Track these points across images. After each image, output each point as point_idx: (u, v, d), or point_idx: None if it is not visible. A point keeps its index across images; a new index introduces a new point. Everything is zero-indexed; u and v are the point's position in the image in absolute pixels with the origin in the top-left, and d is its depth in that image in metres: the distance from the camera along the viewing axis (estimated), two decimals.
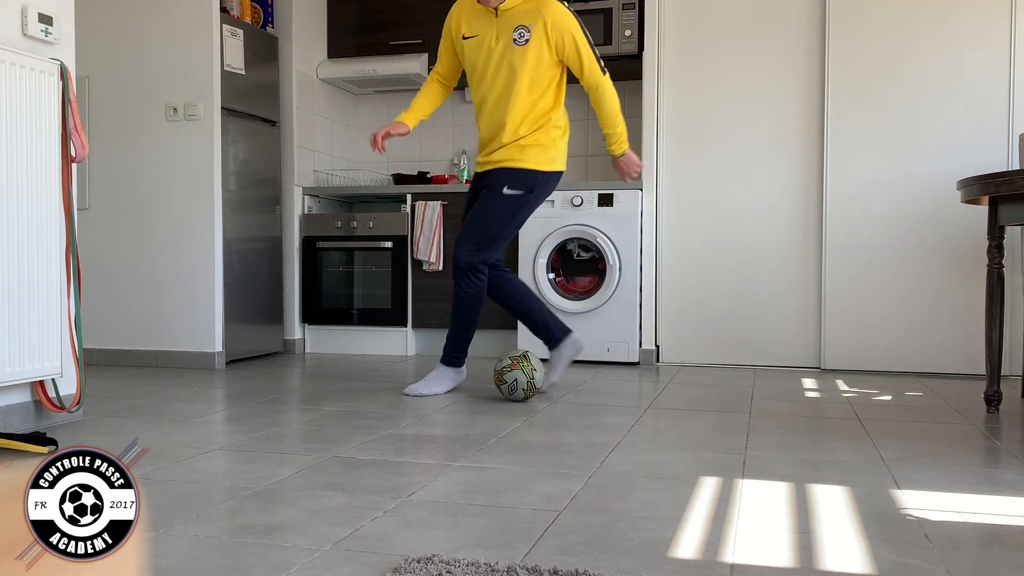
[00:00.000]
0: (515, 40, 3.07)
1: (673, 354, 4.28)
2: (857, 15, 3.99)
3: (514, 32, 3.08)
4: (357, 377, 3.75)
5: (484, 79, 3.14)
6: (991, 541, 1.59)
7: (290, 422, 2.73)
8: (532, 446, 2.38)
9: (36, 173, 2.57)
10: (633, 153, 3.27)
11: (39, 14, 2.66)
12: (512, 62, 3.07)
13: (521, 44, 3.07)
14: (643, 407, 3.01)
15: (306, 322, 4.73)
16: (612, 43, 4.39)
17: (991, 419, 2.82)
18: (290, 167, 4.65)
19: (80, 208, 4.06)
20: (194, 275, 4.06)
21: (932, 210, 3.91)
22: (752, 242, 4.15)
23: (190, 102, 4.03)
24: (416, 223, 4.50)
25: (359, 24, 4.91)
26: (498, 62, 3.10)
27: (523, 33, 3.07)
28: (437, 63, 3.33)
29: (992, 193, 2.76)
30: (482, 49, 3.12)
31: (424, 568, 1.38)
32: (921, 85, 3.92)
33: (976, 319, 3.69)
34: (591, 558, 1.47)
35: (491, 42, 3.11)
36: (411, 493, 1.88)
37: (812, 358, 4.10)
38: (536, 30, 3.05)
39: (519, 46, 3.07)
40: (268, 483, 1.96)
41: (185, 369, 4.01)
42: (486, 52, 3.12)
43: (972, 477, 2.06)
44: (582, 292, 4.28)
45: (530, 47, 3.06)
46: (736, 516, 1.72)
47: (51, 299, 2.63)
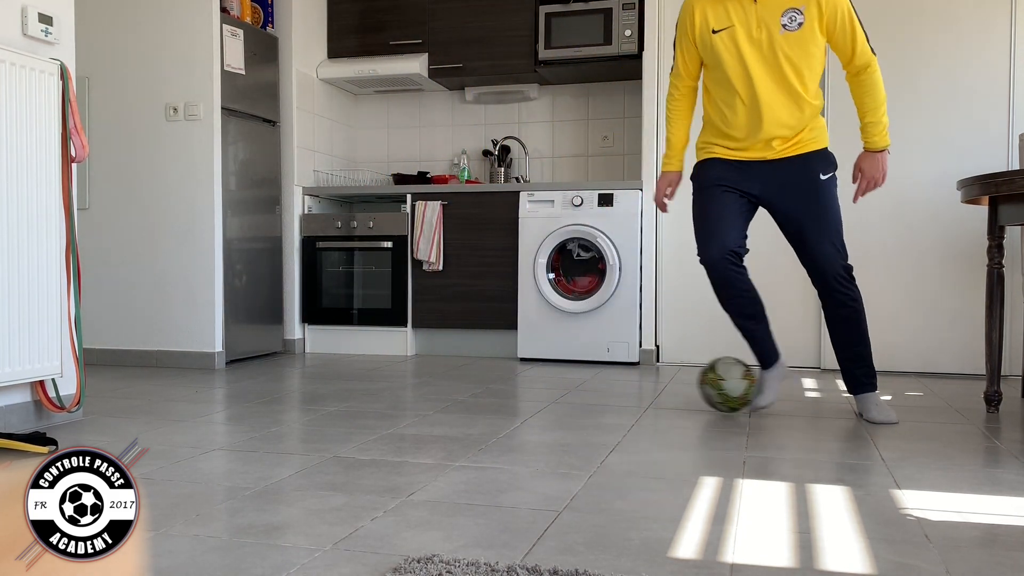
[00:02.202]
0: (785, 25, 2.75)
1: (673, 354, 4.28)
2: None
3: (783, 17, 2.75)
4: (357, 377, 3.75)
5: (744, 73, 2.77)
6: (991, 541, 1.59)
7: (290, 422, 2.73)
8: (532, 446, 2.38)
9: (36, 173, 2.57)
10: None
11: (39, 14, 2.66)
12: (785, 50, 2.74)
13: (793, 29, 2.74)
14: (643, 407, 3.01)
15: (306, 322, 4.73)
16: (612, 43, 4.39)
17: (991, 419, 2.82)
18: (290, 167, 4.65)
19: (80, 208, 4.06)
20: (194, 275, 4.06)
21: (932, 210, 3.91)
22: (752, 242, 4.14)
23: (190, 102, 4.03)
24: (416, 223, 4.50)
25: (359, 24, 4.91)
26: (764, 53, 2.75)
27: (795, 16, 2.75)
28: (679, 68, 2.95)
29: (992, 193, 2.76)
30: (741, 41, 2.77)
31: (424, 568, 1.38)
32: (921, 85, 3.92)
33: (976, 319, 3.69)
34: (591, 558, 1.47)
35: (752, 31, 2.76)
36: (411, 493, 1.88)
37: (812, 358, 4.10)
38: (809, 11, 2.72)
39: (791, 31, 2.74)
40: (268, 483, 1.96)
41: (185, 369, 4.01)
42: (747, 44, 2.76)
43: (972, 477, 2.06)
44: (582, 292, 4.28)
45: (804, 31, 2.73)
46: (736, 516, 1.72)
47: (51, 299, 2.63)
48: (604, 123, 4.91)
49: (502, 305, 4.41)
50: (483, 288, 4.44)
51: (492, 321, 4.44)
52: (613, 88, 4.87)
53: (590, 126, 4.92)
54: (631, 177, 4.79)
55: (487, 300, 4.41)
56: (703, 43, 2.85)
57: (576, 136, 4.94)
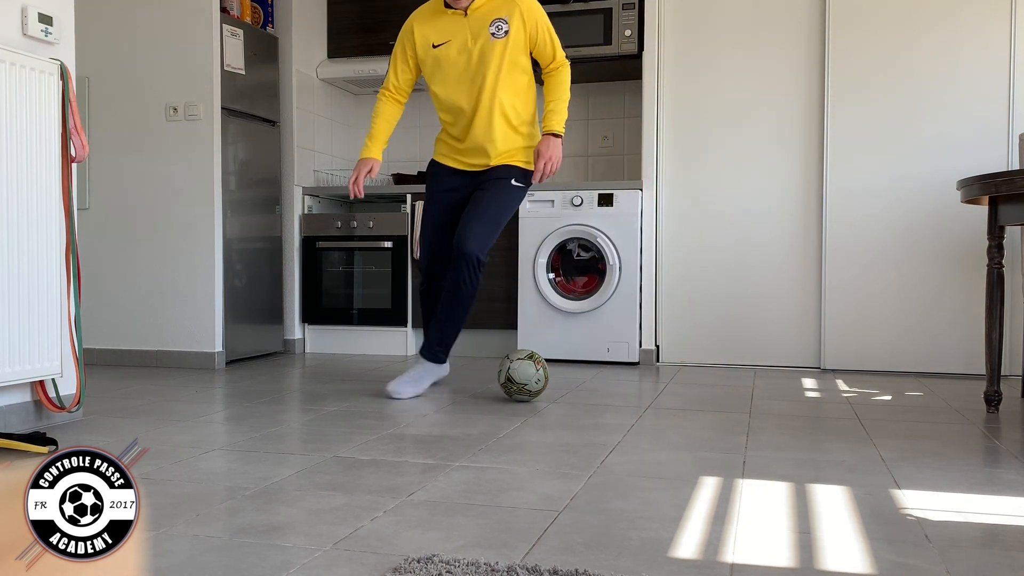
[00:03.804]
0: (493, 34, 3.07)
1: (673, 354, 4.28)
2: (857, 15, 3.99)
3: (491, 27, 3.08)
4: (357, 377, 3.75)
5: (463, 82, 3.12)
6: (991, 541, 1.59)
7: (290, 422, 2.73)
8: (532, 446, 2.38)
9: (36, 173, 2.57)
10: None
11: (39, 14, 2.66)
12: (494, 57, 3.07)
13: (501, 37, 3.07)
14: (643, 407, 3.01)
15: (306, 322, 4.73)
16: (612, 43, 4.39)
17: (991, 419, 2.82)
18: (290, 167, 4.65)
19: (80, 208, 4.06)
20: (194, 275, 4.06)
21: (932, 210, 3.91)
22: (752, 242, 4.15)
23: (190, 102, 4.03)
24: (416, 223, 4.50)
25: (359, 24, 4.91)
26: (478, 60, 3.09)
27: (500, 26, 3.07)
28: (389, 80, 3.26)
29: (992, 193, 2.76)
30: (459, 52, 3.11)
31: (424, 568, 1.38)
32: (921, 85, 3.92)
33: (976, 319, 3.69)
34: (591, 558, 1.47)
35: (467, 43, 3.10)
36: (411, 493, 1.88)
37: (812, 358, 4.10)
38: (514, 21, 3.07)
39: (499, 39, 3.07)
40: (268, 483, 1.96)
41: (185, 369, 4.01)
42: (465, 54, 3.10)
43: (972, 477, 2.06)
44: (582, 292, 4.28)
45: (510, 38, 3.07)
46: (736, 516, 1.72)
47: (51, 299, 2.63)
48: (604, 123, 4.91)
49: (502, 305, 4.41)
50: (483, 288, 4.42)
51: (492, 321, 4.44)
52: (613, 88, 4.87)
53: (590, 126, 4.92)
54: (631, 177, 4.79)
55: (487, 300, 4.41)
56: (426, 57, 3.17)
57: (576, 136, 4.94)
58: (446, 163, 3.29)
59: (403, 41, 3.22)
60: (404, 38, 3.21)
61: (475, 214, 3.13)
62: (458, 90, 3.14)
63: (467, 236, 3.08)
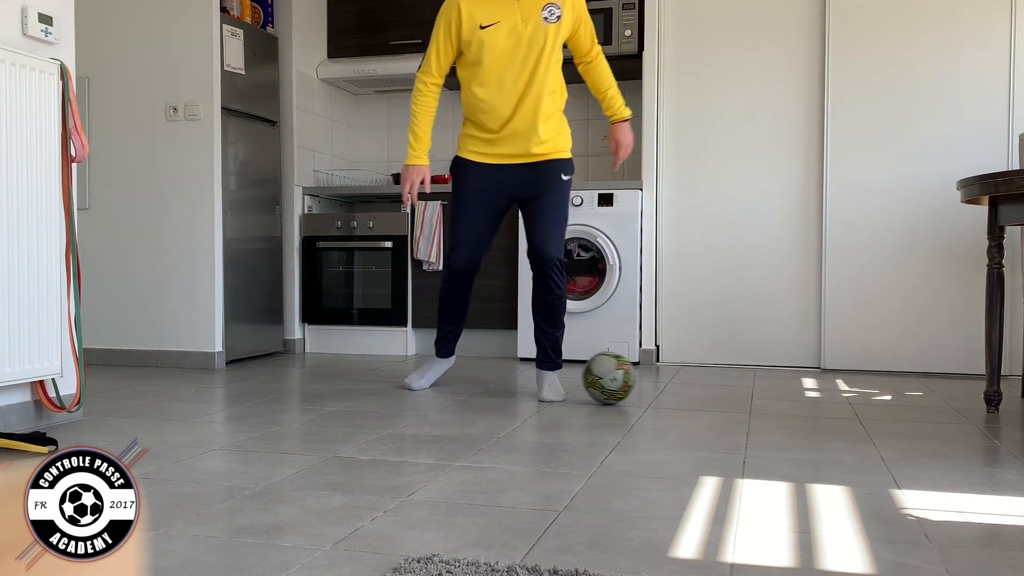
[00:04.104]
0: (546, 19, 2.98)
1: (673, 354, 4.28)
2: (857, 15, 3.99)
3: (543, 10, 2.99)
4: (357, 377, 3.75)
5: (510, 67, 2.99)
6: (991, 541, 1.59)
7: (290, 422, 2.73)
8: (532, 446, 2.38)
9: (36, 173, 2.57)
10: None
11: (39, 14, 2.66)
12: (544, 42, 2.99)
13: (553, 22, 2.99)
14: (643, 407, 3.01)
15: (306, 322, 4.73)
16: (612, 43, 4.39)
17: (991, 419, 2.82)
18: (290, 167, 4.65)
19: (80, 208, 4.06)
20: (194, 275, 4.06)
21: (932, 210, 3.91)
22: (752, 242, 4.15)
23: (190, 102, 4.03)
24: (416, 223, 4.50)
25: (359, 24, 4.91)
26: (528, 45, 2.98)
27: (553, 11, 2.99)
28: (431, 63, 3.10)
29: (992, 193, 2.76)
30: (508, 35, 2.98)
31: (424, 568, 1.38)
32: (921, 85, 3.92)
33: (976, 319, 3.69)
34: (591, 558, 1.47)
35: (517, 25, 2.98)
36: (411, 493, 1.88)
37: (812, 358, 4.10)
38: (565, 6, 3.02)
39: (551, 23, 2.99)
40: (268, 483, 1.96)
41: (185, 369, 4.01)
42: (514, 37, 2.98)
43: (972, 477, 2.06)
44: (582, 292, 4.28)
45: (561, 24, 3.01)
46: (736, 516, 1.72)
47: (51, 299, 2.63)
48: (604, 123, 4.90)
49: (502, 305, 4.41)
50: (483, 288, 4.43)
51: (492, 321, 4.44)
52: None
53: (590, 126, 4.91)
54: (631, 177, 4.79)
55: (487, 300, 4.41)
56: (472, 38, 3.04)
57: (576, 136, 4.92)
58: (477, 160, 3.13)
59: (448, 19, 3.03)
60: (450, 16, 3.03)
61: (546, 223, 3.08)
62: (503, 75, 3.01)
63: (548, 244, 3.05)
